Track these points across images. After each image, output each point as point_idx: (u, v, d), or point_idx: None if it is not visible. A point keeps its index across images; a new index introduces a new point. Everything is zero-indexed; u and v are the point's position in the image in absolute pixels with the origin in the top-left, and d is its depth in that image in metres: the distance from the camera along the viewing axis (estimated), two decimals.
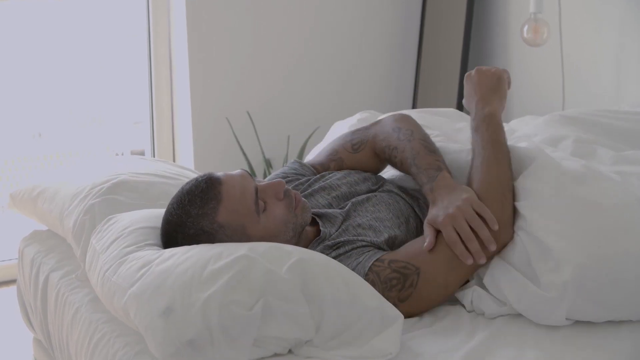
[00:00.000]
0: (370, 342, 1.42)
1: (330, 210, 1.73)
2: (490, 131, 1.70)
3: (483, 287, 1.60)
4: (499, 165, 1.65)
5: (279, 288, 1.38)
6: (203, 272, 1.39)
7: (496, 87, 1.78)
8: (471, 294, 1.61)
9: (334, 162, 1.91)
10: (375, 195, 1.78)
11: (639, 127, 2.14)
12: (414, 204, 1.80)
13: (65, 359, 1.86)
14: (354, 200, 1.76)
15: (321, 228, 1.68)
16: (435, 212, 1.61)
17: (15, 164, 3.68)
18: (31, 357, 2.41)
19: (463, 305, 1.63)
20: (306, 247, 1.66)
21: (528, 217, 1.57)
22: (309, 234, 1.70)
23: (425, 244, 1.58)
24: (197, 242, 1.56)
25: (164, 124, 3.73)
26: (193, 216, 1.56)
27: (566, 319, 1.52)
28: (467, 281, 1.65)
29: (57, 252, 2.09)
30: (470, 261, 1.55)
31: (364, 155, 1.89)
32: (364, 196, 1.78)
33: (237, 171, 1.63)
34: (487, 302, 1.58)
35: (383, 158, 1.87)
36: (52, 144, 3.76)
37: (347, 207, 1.74)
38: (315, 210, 1.74)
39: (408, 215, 1.76)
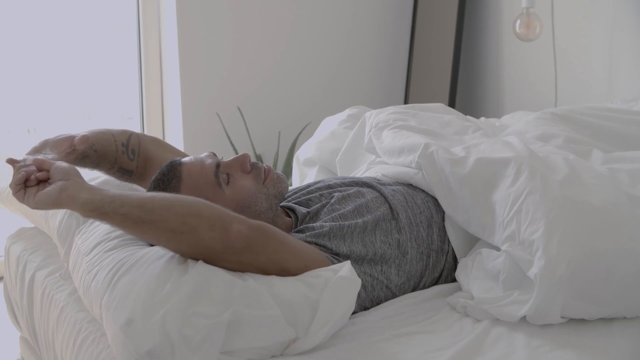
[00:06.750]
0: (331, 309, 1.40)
1: (299, 207, 1.73)
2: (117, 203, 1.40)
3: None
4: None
5: (244, 295, 1.36)
6: (165, 284, 1.37)
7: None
8: (461, 302, 1.60)
9: None
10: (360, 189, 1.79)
11: (629, 130, 2.13)
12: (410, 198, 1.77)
13: (52, 357, 1.84)
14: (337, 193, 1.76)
15: (293, 224, 1.71)
16: None
17: (5, 160, 3.65)
18: (18, 355, 2.40)
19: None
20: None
21: (520, 224, 1.57)
22: (287, 224, 1.71)
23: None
24: None
25: (154, 119, 3.71)
26: None
27: (560, 317, 1.51)
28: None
29: (43, 249, 2.08)
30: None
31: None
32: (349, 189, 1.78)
33: (203, 154, 1.65)
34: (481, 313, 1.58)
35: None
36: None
37: (320, 202, 1.74)
38: (288, 203, 1.75)
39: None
